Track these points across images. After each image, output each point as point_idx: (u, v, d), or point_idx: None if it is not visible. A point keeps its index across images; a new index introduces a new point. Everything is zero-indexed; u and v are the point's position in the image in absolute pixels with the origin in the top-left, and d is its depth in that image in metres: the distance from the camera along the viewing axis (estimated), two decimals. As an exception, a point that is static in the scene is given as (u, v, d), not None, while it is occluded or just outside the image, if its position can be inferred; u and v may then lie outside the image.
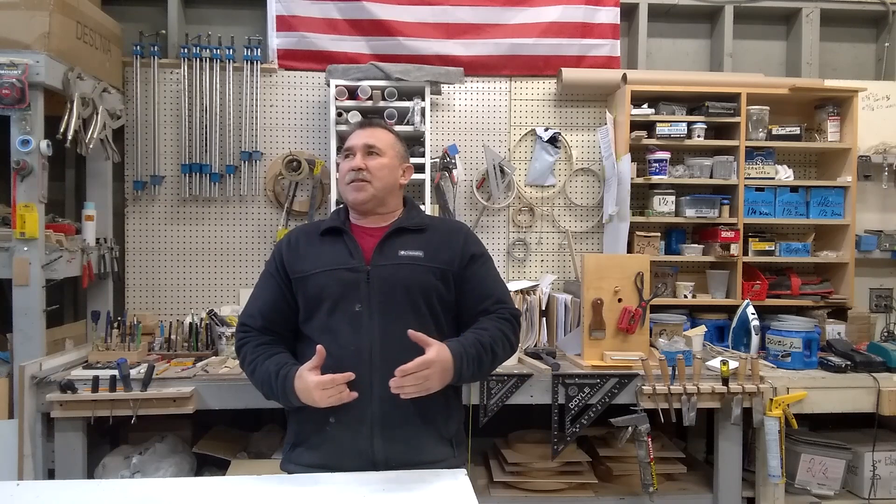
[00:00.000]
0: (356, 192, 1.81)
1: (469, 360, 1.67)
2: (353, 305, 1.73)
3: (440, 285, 1.78)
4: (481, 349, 1.70)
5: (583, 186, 3.51)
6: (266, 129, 3.35)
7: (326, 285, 1.75)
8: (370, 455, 1.70)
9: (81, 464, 2.50)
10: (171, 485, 1.76)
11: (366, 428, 1.69)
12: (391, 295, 1.74)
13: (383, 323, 1.72)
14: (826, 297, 3.25)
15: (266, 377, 1.71)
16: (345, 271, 1.76)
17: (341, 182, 1.86)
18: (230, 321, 2.92)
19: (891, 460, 2.84)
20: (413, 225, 1.84)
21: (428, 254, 1.79)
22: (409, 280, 1.75)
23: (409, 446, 1.72)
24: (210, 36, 3.27)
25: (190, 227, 3.33)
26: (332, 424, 1.70)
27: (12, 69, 2.46)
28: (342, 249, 1.80)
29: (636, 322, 2.74)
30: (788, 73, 3.64)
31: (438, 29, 3.36)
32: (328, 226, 1.86)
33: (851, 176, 3.27)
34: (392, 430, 1.70)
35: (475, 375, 1.73)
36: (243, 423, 3.02)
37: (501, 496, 2.74)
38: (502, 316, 1.80)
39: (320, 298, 1.76)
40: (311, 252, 1.82)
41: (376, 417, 1.69)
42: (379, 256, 1.77)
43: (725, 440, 2.69)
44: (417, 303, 1.75)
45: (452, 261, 1.81)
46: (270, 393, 1.73)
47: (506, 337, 1.78)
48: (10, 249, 2.52)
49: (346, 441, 1.70)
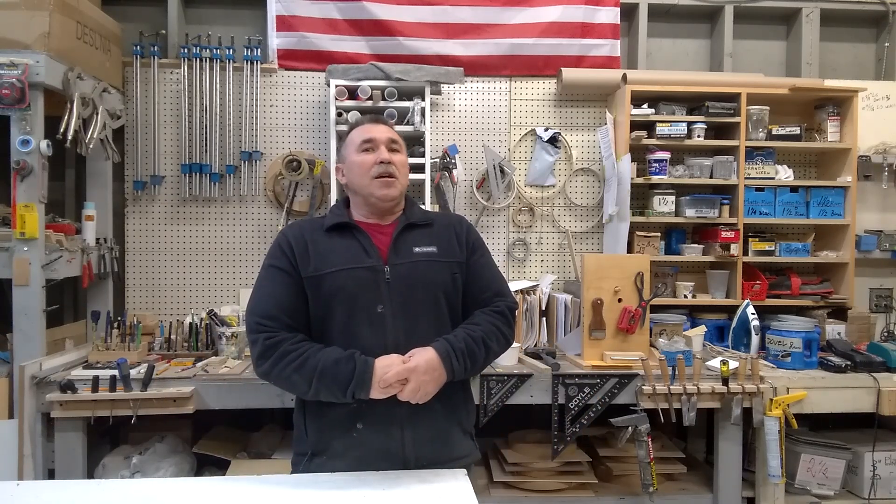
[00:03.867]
0: (387, 188, 1.73)
1: (459, 356, 1.64)
2: (375, 306, 1.67)
3: (457, 278, 1.76)
4: (472, 344, 1.67)
5: (583, 186, 3.51)
6: (266, 129, 3.35)
7: (344, 285, 1.67)
8: (401, 456, 1.66)
9: (81, 464, 2.50)
10: (171, 485, 1.76)
11: (396, 429, 1.66)
12: (411, 294, 1.70)
13: (405, 323, 1.68)
14: (826, 297, 3.25)
15: (331, 364, 1.58)
16: (363, 270, 1.69)
17: (364, 176, 1.75)
18: (230, 321, 2.92)
19: (891, 460, 2.84)
20: (420, 220, 1.81)
21: (440, 248, 1.77)
22: (427, 278, 1.72)
23: (438, 443, 1.70)
24: (210, 36, 3.27)
25: (190, 227, 3.33)
26: (359, 430, 1.66)
27: (12, 69, 2.46)
28: (356, 247, 1.72)
29: (636, 322, 2.73)
30: (788, 73, 3.64)
31: (438, 29, 3.37)
32: (334, 222, 1.76)
33: (851, 176, 3.27)
34: (421, 430, 1.68)
35: (470, 370, 1.69)
36: (243, 423, 3.02)
37: (501, 496, 2.73)
38: (496, 309, 1.77)
39: (336, 299, 1.68)
40: (322, 249, 1.72)
41: (405, 417, 1.66)
42: (395, 255, 1.72)
43: (725, 440, 2.69)
44: (437, 300, 1.73)
45: (461, 251, 1.79)
46: (330, 381, 1.58)
47: (499, 331, 1.74)
48: (10, 249, 2.52)
49: (375, 444, 1.66)
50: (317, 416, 1.70)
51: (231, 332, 2.85)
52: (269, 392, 2.48)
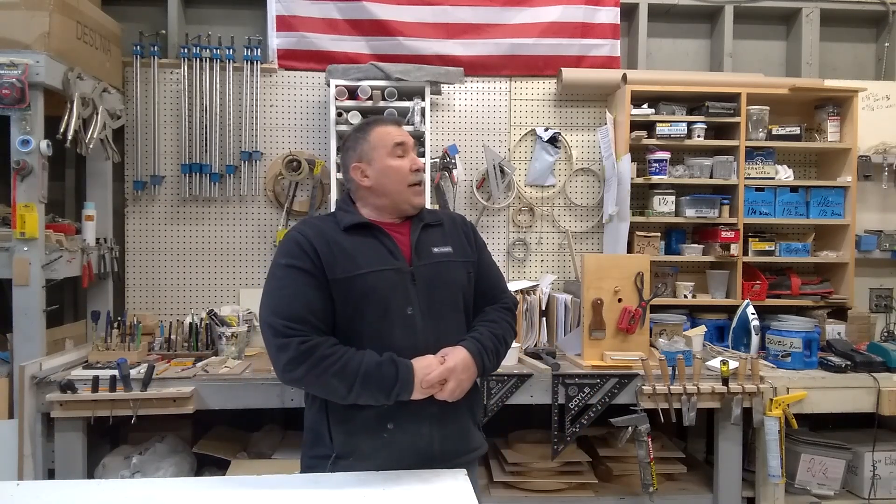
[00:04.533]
0: (420, 196, 1.77)
1: (489, 354, 1.70)
2: (405, 308, 1.66)
3: (471, 278, 1.79)
4: (496, 341, 1.73)
5: (583, 186, 3.51)
6: (266, 129, 3.35)
7: (376, 287, 1.64)
8: (430, 452, 1.68)
9: (81, 464, 2.50)
10: (171, 485, 1.76)
11: (425, 427, 1.68)
12: (436, 295, 1.70)
13: (433, 323, 1.69)
14: (826, 297, 3.25)
15: (373, 368, 1.57)
16: (391, 272, 1.66)
17: (399, 183, 1.72)
18: (230, 321, 2.92)
19: (891, 460, 2.84)
20: (433, 220, 1.81)
21: (455, 248, 1.78)
22: (449, 278, 1.73)
23: (460, 438, 1.74)
24: (210, 36, 3.27)
25: (190, 227, 3.33)
26: (390, 431, 1.66)
27: (12, 69, 2.46)
28: (380, 248, 1.69)
29: (636, 322, 2.73)
30: (788, 73, 3.64)
31: (438, 29, 3.36)
32: (353, 221, 1.71)
33: (851, 176, 3.27)
34: (448, 425, 1.71)
35: (495, 366, 1.77)
36: (243, 423, 3.02)
37: (501, 496, 2.74)
38: (505, 306, 1.83)
39: (367, 301, 1.64)
40: (348, 250, 1.66)
41: (435, 416, 1.68)
42: (417, 256, 1.71)
43: (725, 440, 2.69)
44: (457, 300, 1.75)
45: (472, 250, 1.82)
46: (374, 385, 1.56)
47: (511, 327, 1.82)
48: (10, 249, 2.52)
49: (406, 443, 1.67)
50: (344, 420, 1.66)
51: (231, 332, 2.85)
52: (269, 392, 2.48)
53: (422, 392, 1.60)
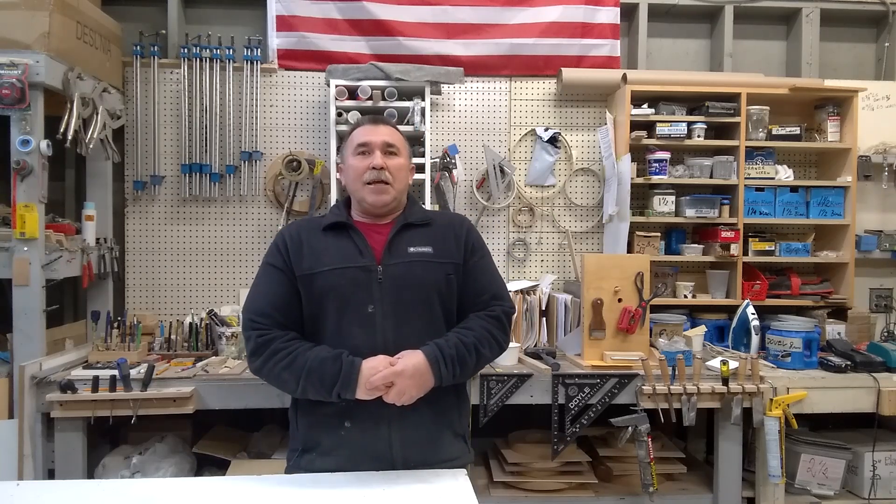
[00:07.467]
0: (378, 195, 1.74)
1: (448, 362, 1.64)
2: (366, 306, 1.67)
3: (452, 279, 1.75)
4: (464, 350, 1.66)
5: (583, 186, 3.51)
6: (266, 129, 3.35)
7: (336, 284, 1.68)
8: (389, 457, 1.67)
9: (81, 464, 2.50)
10: (171, 485, 1.76)
11: (383, 429, 1.66)
12: (404, 294, 1.69)
13: (396, 324, 1.68)
14: (826, 297, 3.25)
15: (317, 363, 1.60)
16: (355, 270, 1.69)
17: (356, 181, 1.76)
18: (230, 321, 2.92)
19: (891, 460, 2.84)
20: (418, 220, 1.80)
21: (436, 249, 1.75)
22: (421, 278, 1.71)
23: (426, 446, 1.70)
24: (210, 36, 3.27)
25: (190, 227, 3.33)
26: (347, 429, 1.67)
27: (12, 69, 2.46)
28: (350, 246, 1.73)
29: (636, 322, 2.73)
30: (788, 73, 3.64)
31: (438, 29, 3.36)
32: (331, 221, 1.77)
33: (851, 176, 3.27)
34: (409, 431, 1.67)
35: (459, 376, 1.68)
36: (243, 423, 3.02)
37: (501, 496, 2.74)
38: (491, 314, 1.76)
39: (328, 298, 1.68)
40: (316, 248, 1.73)
41: (394, 419, 1.66)
42: (389, 255, 1.72)
43: (725, 440, 2.69)
44: (430, 301, 1.72)
45: (458, 253, 1.78)
46: (317, 380, 1.59)
47: (492, 336, 1.73)
48: (10, 249, 2.52)
49: (363, 444, 1.66)
50: (308, 413, 1.71)
51: (231, 332, 2.85)
52: (269, 392, 2.48)
53: (367, 393, 1.58)
